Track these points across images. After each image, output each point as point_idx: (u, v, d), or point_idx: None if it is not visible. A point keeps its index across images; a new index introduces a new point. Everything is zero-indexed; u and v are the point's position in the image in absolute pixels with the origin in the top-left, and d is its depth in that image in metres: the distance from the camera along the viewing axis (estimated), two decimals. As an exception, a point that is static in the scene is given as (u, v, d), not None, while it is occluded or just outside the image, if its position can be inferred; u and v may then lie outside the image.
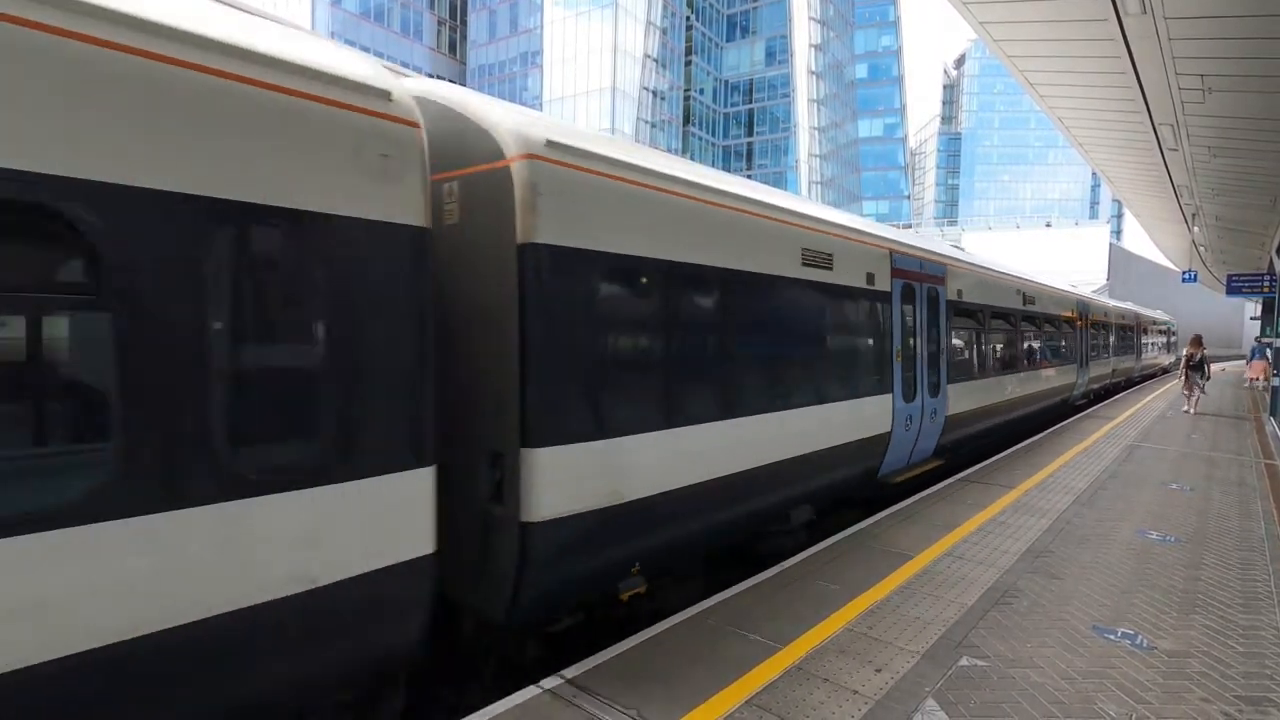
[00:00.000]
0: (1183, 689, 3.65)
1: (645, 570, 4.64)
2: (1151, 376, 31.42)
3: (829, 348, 6.63)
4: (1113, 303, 24.04)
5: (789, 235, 5.97)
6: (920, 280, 8.47)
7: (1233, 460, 10.38)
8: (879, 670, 3.81)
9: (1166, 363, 34.67)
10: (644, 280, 4.54)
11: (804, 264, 6.09)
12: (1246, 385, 24.12)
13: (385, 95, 3.11)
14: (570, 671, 3.74)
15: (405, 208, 3.16)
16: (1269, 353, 23.00)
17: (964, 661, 3.91)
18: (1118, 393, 23.15)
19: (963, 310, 9.80)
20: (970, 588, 5.04)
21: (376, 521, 3.06)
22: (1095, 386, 19.34)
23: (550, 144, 3.92)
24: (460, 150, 3.95)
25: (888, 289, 7.65)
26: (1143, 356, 28.89)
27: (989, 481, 8.56)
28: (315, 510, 2.86)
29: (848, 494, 7.39)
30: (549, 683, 3.63)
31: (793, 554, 5.74)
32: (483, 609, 3.97)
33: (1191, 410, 16.23)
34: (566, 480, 3.91)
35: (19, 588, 2.18)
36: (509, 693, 3.57)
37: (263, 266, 2.85)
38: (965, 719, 3.34)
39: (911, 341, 8.21)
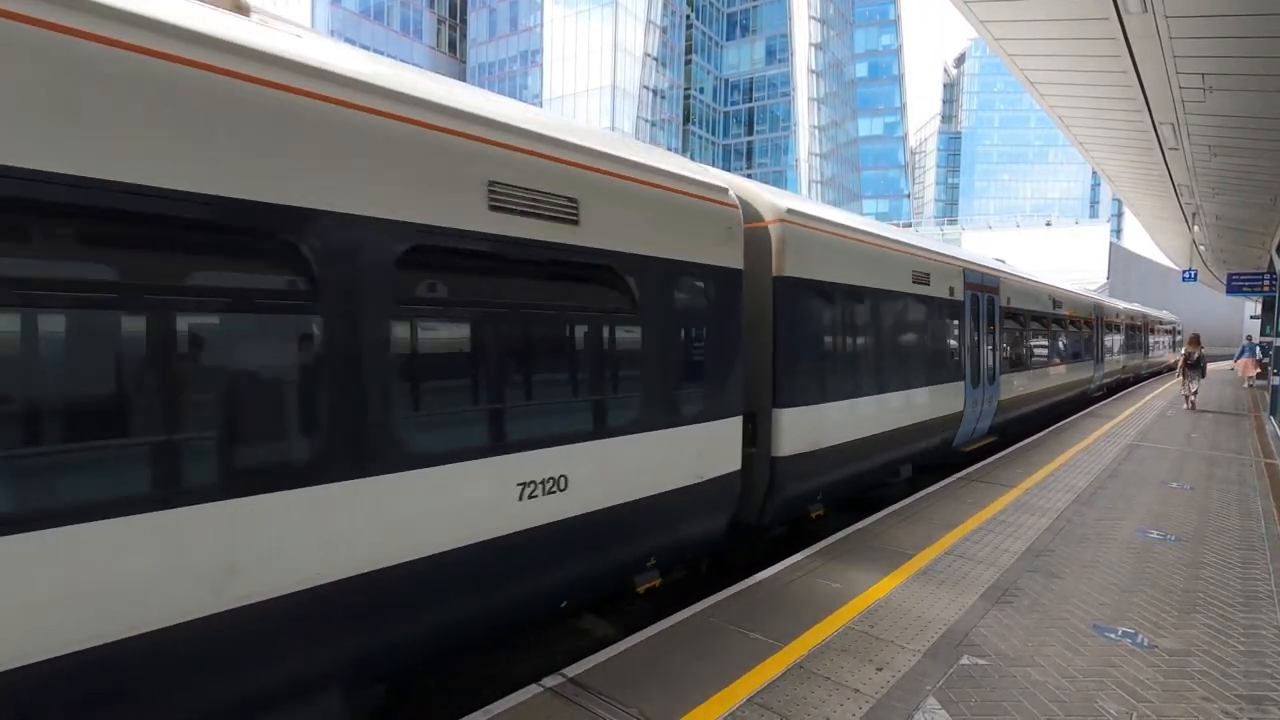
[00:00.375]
0: (1183, 688, 3.65)
1: (822, 499, 6.85)
2: (1158, 374, 31.49)
3: (928, 343, 8.75)
4: (1123, 304, 24.74)
5: (906, 261, 8.19)
6: (982, 290, 10.48)
7: (1233, 459, 10.38)
8: (880, 669, 3.82)
9: (1172, 360, 34.78)
10: (837, 298, 6.78)
11: (913, 282, 8.28)
12: (1245, 385, 24.18)
13: (725, 192, 5.38)
14: (572, 670, 3.75)
15: (736, 259, 5.34)
16: (1259, 351, 23.76)
17: (965, 660, 3.92)
18: (1127, 387, 23.34)
19: (1010, 314, 11.79)
20: (971, 586, 5.05)
21: (722, 446, 5.23)
22: (1109, 380, 20.79)
23: (790, 210, 6.11)
24: None
25: (961, 298, 9.69)
26: (1150, 354, 29.61)
27: (990, 480, 8.57)
28: (707, 436, 5.06)
29: (933, 459, 9.40)
30: (550, 681, 3.64)
31: (896, 501, 7.54)
32: (741, 515, 5.82)
33: (1192, 406, 16.66)
34: (794, 431, 5.98)
35: (643, 459, 4.51)
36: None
37: (686, 297, 4.95)
38: (966, 717, 3.34)
39: (976, 339, 10.25)
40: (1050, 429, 13.25)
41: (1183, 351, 17.50)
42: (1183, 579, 5.26)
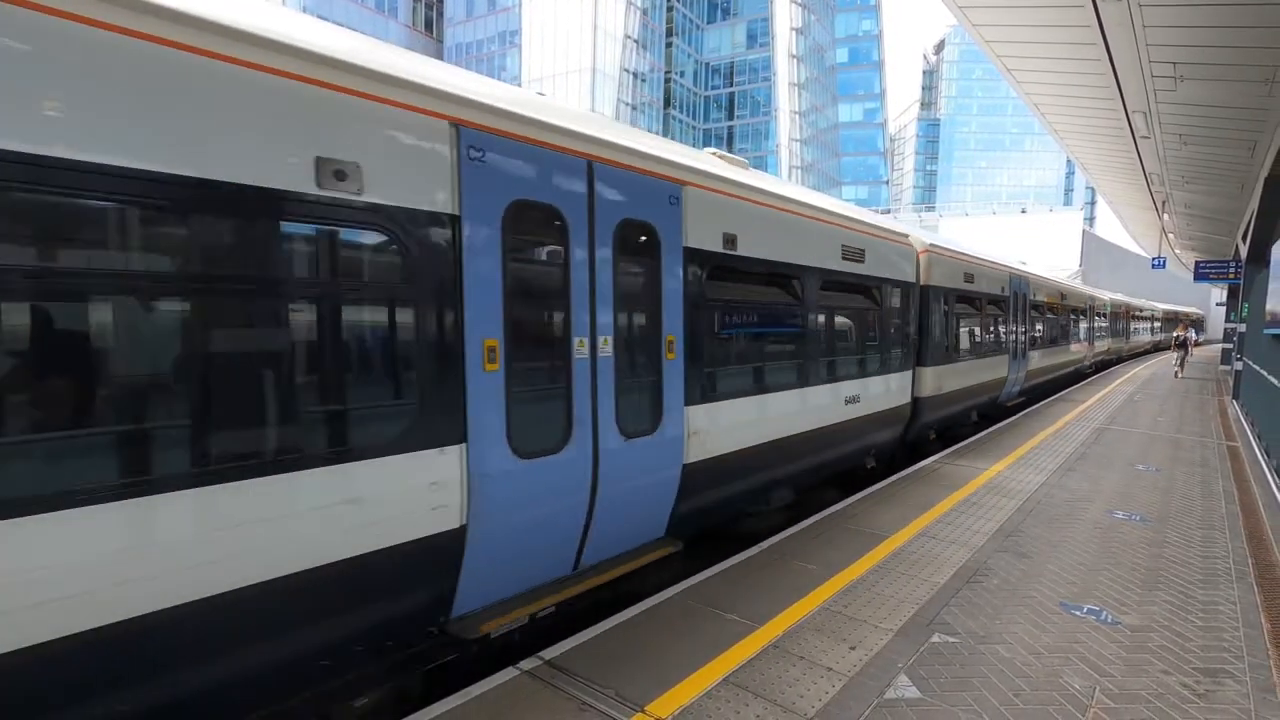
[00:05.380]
0: (1144, 662, 3.77)
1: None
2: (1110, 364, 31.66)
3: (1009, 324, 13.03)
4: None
5: (999, 274, 12.39)
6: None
7: (1197, 442, 10.67)
8: (853, 648, 3.88)
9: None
10: (947, 295, 9.92)
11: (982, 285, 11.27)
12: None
13: (906, 237, 8.98)
14: (549, 653, 3.76)
15: (917, 278, 9.10)
16: (1194, 333, 29.97)
17: (936, 638, 4.00)
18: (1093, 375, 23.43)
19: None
20: (943, 567, 5.14)
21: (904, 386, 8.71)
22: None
23: (929, 245, 9.52)
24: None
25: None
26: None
27: (963, 463, 8.72)
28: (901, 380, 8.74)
29: (987, 408, 12.64)
30: (527, 664, 3.65)
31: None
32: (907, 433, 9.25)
33: (1180, 374, 22.04)
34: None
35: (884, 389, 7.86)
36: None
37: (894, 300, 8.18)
38: (936, 693, 3.42)
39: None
40: (1023, 413, 13.49)
41: (1174, 333, 24.29)
42: (1147, 557, 5.41)
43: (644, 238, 4.62)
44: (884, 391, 8.01)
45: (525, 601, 3.94)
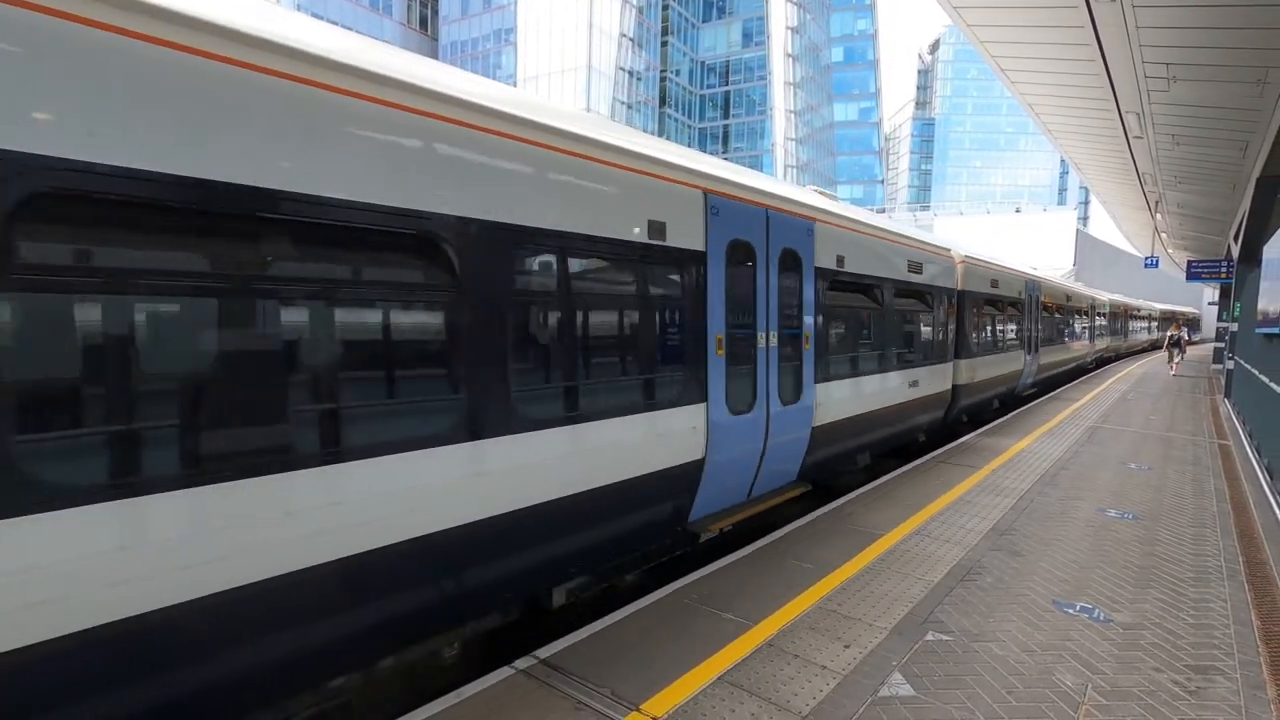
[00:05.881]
0: (1136, 659, 3.79)
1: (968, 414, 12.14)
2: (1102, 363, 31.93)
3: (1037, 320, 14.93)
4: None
5: (1017, 279, 13.87)
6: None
7: (1188, 441, 10.73)
8: (848, 646, 3.90)
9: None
10: (977, 299, 11.32)
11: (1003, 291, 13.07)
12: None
13: (949, 251, 10.48)
14: (544, 652, 3.76)
15: (956, 284, 10.62)
16: (1187, 332, 30.84)
17: (929, 636, 4.02)
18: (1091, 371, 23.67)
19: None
20: (937, 565, 5.17)
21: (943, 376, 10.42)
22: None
23: (965, 256, 10.97)
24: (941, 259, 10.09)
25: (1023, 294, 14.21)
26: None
27: (957, 462, 8.75)
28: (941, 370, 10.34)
29: (1005, 397, 14.18)
30: (522, 663, 3.65)
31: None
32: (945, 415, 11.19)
33: (1174, 372, 22.71)
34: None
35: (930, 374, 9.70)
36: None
37: (915, 305, 9.33)
38: (930, 691, 3.43)
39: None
40: (1014, 412, 13.56)
41: (1168, 333, 24.95)
42: (1138, 555, 5.44)
43: (793, 262, 6.43)
44: (934, 378, 9.82)
45: (720, 518, 5.66)
